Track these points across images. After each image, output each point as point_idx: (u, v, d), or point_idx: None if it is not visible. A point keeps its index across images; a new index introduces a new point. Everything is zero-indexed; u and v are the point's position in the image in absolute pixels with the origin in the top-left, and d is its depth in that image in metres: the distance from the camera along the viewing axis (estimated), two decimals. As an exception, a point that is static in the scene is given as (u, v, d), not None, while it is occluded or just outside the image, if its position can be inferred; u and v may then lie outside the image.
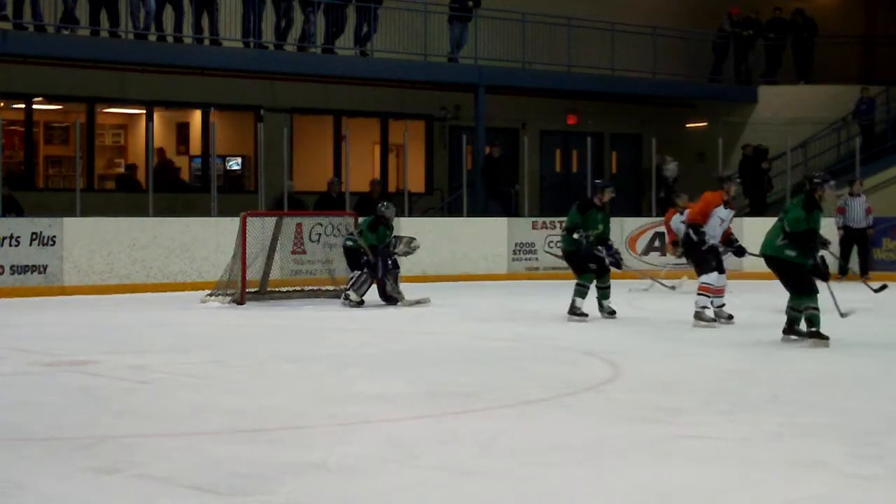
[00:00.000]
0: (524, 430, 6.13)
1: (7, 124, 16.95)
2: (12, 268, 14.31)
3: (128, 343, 9.92)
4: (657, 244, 18.36)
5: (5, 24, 15.82)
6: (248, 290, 13.62)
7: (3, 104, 18.55)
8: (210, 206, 16.16)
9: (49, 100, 18.87)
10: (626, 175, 23.24)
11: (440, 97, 21.22)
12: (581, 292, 11.73)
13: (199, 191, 18.58)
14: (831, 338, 9.54)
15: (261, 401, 6.95)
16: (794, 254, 9.49)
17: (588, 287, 11.74)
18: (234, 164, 20.37)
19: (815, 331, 9.46)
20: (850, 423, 6.34)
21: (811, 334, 9.46)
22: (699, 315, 11.02)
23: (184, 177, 19.60)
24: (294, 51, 18.48)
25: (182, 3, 17.23)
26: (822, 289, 9.72)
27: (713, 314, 11.23)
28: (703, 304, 11.08)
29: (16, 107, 18.59)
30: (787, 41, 23.24)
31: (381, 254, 13.29)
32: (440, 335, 10.79)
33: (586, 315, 11.59)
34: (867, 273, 17.49)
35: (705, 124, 23.21)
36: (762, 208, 20.38)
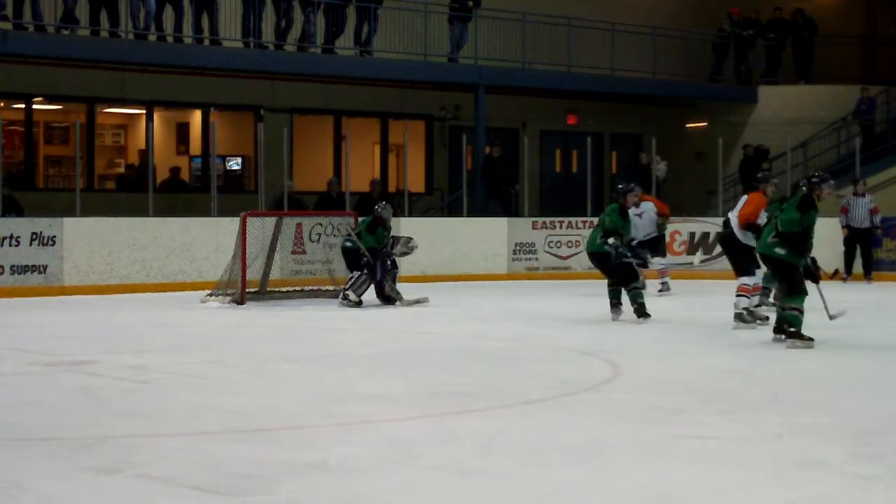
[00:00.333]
0: (524, 430, 6.13)
1: (7, 124, 16.95)
2: (12, 268, 14.31)
3: (128, 343, 9.93)
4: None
5: (5, 24, 15.82)
6: (248, 290, 13.62)
7: (3, 104, 18.55)
8: (210, 206, 16.16)
9: (49, 100, 18.87)
10: (625, 175, 23.21)
11: (440, 97, 21.22)
12: (616, 294, 11.73)
13: (199, 191, 18.58)
14: (831, 338, 9.53)
15: (261, 401, 6.95)
16: (783, 252, 9.49)
17: (621, 291, 11.67)
18: (234, 164, 20.37)
19: (795, 331, 9.44)
20: (850, 423, 6.34)
21: (790, 335, 9.45)
22: (740, 317, 10.94)
23: (184, 177, 19.60)
24: (294, 51, 18.47)
25: (182, 3, 17.23)
26: (812, 290, 9.70)
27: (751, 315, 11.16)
28: (745, 305, 11.02)
29: (16, 107, 18.59)
30: (787, 41, 23.23)
31: (381, 255, 13.30)
32: (440, 335, 10.79)
33: (649, 315, 11.52)
34: (870, 273, 17.51)
35: (705, 124, 23.21)
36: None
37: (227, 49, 17.85)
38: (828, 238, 17.33)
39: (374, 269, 13.26)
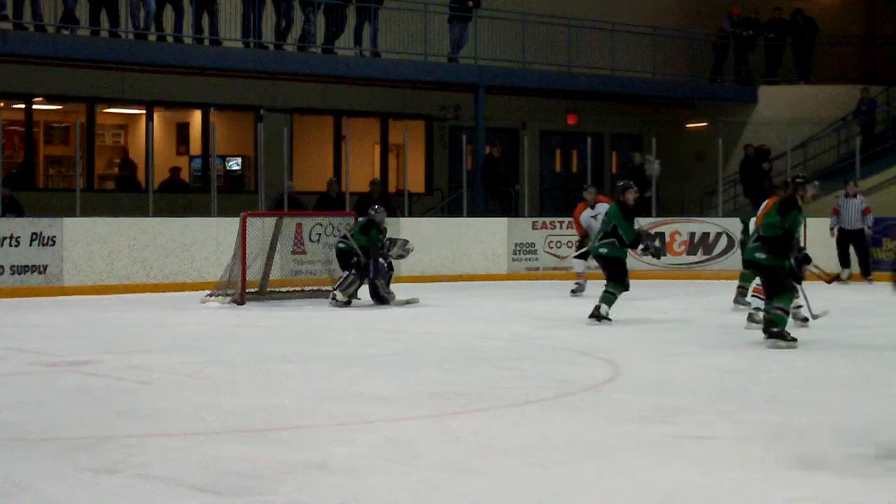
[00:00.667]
0: (524, 430, 6.13)
1: (7, 124, 16.94)
2: (12, 268, 14.31)
3: (128, 343, 9.93)
4: (657, 243, 18.32)
5: (5, 24, 15.82)
6: (248, 290, 13.62)
7: (3, 104, 18.56)
8: (210, 206, 16.16)
9: (49, 100, 18.88)
10: (626, 175, 23.21)
11: (440, 97, 21.22)
12: (609, 300, 11.48)
13: (199, 191, 18.59)
14: (832, 338, 9.53)
15: (261, 401, 6.95)
16: (764, 256, 9.55)
17: (617, 296, 11.52)
18: (234, 164, 20.37)
19: (777, 331, 9.45)
20: (850, 423, 6.33)
21: (772, 334, 9.45)
22: (752, 317, 10.96)
23: (184, 177, 19.60)
24: (294, 51, 18.47)
25: (182, 3, 17.23)
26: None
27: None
28: (758, 305, 11.03)
29: (16, 107, 18.60)
30: (787, 41, 23.23)
31: (372, 255, 13.33)
32: (440, 335, 10.79)
33: (610, 321, 11.39)
34: (869, 274, 17.48)
35: (705, 124, 23.21)
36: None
37: (227, 49, 17.85)
38: (826, 239, 17.35)
39: (365, 268, 13.30)
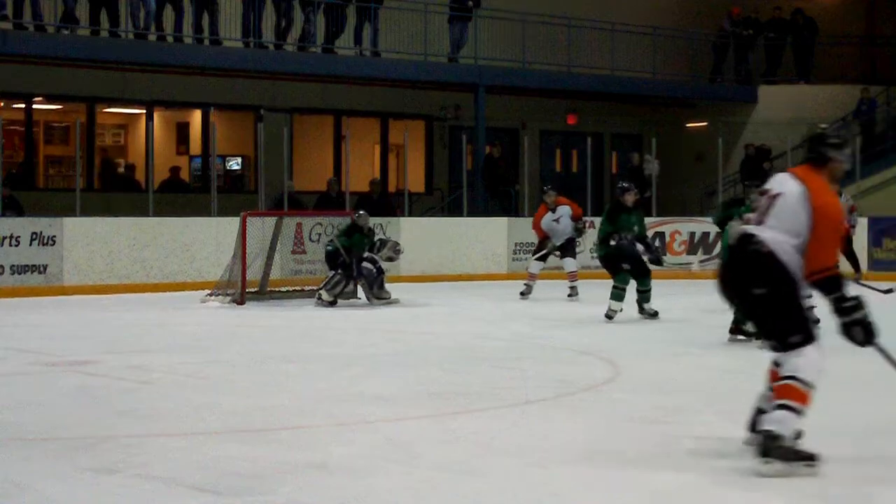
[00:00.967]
0: (524, 430, 6.12)
1: (7, 124, 16.95)
2: (12, 268, 14.31)
3: (128, 343, 9.93)
4: (657, 243, 18.33)
5: (5, 24, 15.82)
6: (248, 290, 13.62)
7: (3, 104, 18.55)
8: (210, 206, 16.16)
9: (49, 100, 18.88)
10: (625, 175, 23.21)
11: (440, 97, 21.22)
12: (618, 295, 11.52)
13: (199, 191, 18.58)
14: (832, 338, 9.49)
15: (261, 401, 6.95)
16: None
17: (625, 289, 11.52)
18: (234, 164, 20.37)
19: (754, 332, 9.49)
20: (850, 423, 6.34)
21: (746, 333, 9.48)
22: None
23: (184, 177, 19.60)
24: (294, 51, 18.47)
25: (182, 3, 17.23)
26: None
27: None
28: None
29: (16, 107, 18.60)
30: (787, 41, 23.23)
31: (355, 256, 13.40)
32: (440, 335, 10.79)
33: (615, 313, 11.47)
34: (859, 271, 17.30)
35: (705, 124, 23.21)
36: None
37: (227, 49, 17.85)
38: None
39: (349, 267, 13.37)
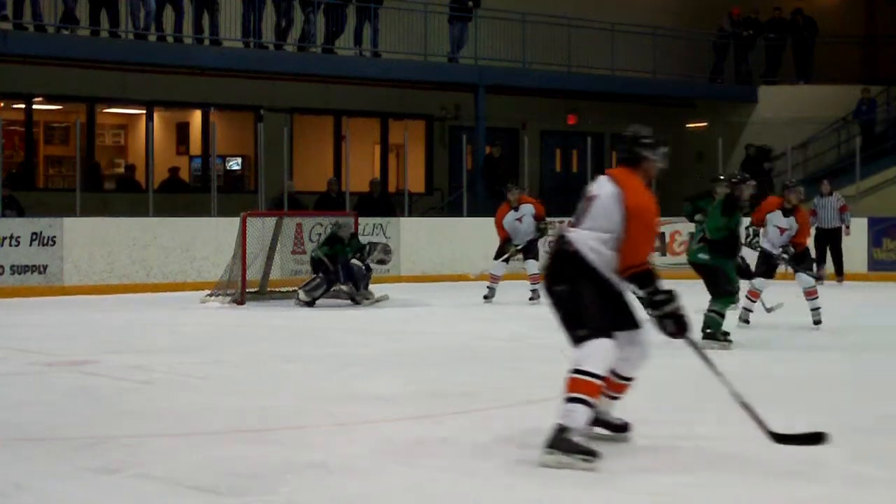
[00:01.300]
0: (524, 430, 6.12)
1: (7, 124, 16.95)
2: (12, 268, 14.31)
3: (128, 343, 9.92)
4: (657, 244, 18.35)
5: (5, 24, 15.82)
6: (248, 290, 13.62)
7: (3, 104, 18.56)
8: (210, 206, 16.17)
9: (49, 100, 18.88)
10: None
11: (440, 97, 21.22)
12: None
13: (199, 191, 18.58)
14: (832, 338, 9.53)
15: (261, 401, 6.95)
16: (707, 257, 9.61)
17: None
18: (234, 164, 20.37)
19: (711, 332, 9.49)
20: (850, 423, 6.33)
21: (706, 335, 9.47)
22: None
23: (184, 177, 19.60)
24: (294, 51, 18.48)
25: (182, 3, 17.23)
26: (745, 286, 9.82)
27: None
28: (746, 305, 11.12)
29: (16, 107, 18.60)
30: (787, 41, 23.24)
31: (340, 262, 13.45)
32: (440, 335, 10.79)
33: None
34: (842, 274, 17.25)
35: (705, 124, 23.21)
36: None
37: (227, 49, 17.85)
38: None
39: (334, 273, 13.42)
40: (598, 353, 5.31)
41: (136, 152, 19.42)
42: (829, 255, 17.23)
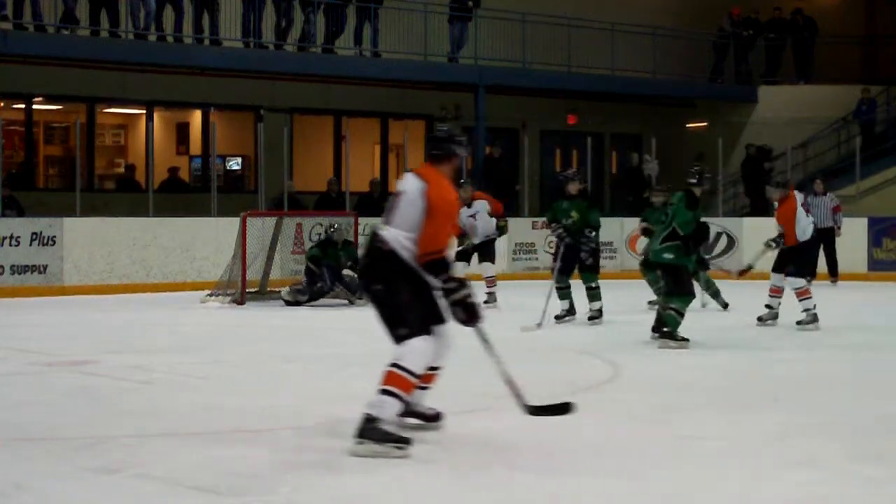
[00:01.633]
0: (524, 430, 6.12)
1: (7, 124, 16.94)
2: (12, 268, 14.31)
3: (128, 343, 9.93)
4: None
5: (5, 24, 15.81)
6: (248, 290, 13.62)
7: (3, 104, 18.55)
8: (210, 206, 16.17)
9: (49, 100, 18.87)
10: (623, 175, 23.21)
11: (440, 97, 21.21)
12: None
13: (199, 191, 18.58)
14: (833, 338, 9.53)
15: (261, 401, 6.95)
16: (671, 256, 9.64)
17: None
18: (234, 164, 20.36)
19: (668, 331, 9.49)
20: (850, 423, 6.34)
21: (663, 334, 9.50)
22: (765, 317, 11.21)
23: (184, 177, 19.60)
24: (294, 51, 18.47)
25: (182, 3, 17.22)
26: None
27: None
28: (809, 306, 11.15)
29: (16, 107, 18.59)
30: (787, 41, 23.23)
31: (327, 266, 13.46)
32: (440, 335, 10.76)
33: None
34: (836, 274, 17.17)
35: (705, 124, 23.20)
36: (764, 208, 20.36)
37: (227, 49, 17.84)
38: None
39: (320, 277, 13.44)
40: (419, 353, 5.53)
41: (136, 152, 19.41)
42: (822, 256, 17.17)
